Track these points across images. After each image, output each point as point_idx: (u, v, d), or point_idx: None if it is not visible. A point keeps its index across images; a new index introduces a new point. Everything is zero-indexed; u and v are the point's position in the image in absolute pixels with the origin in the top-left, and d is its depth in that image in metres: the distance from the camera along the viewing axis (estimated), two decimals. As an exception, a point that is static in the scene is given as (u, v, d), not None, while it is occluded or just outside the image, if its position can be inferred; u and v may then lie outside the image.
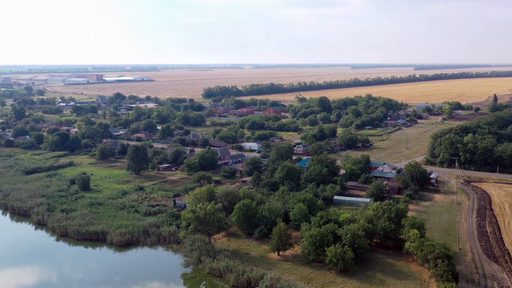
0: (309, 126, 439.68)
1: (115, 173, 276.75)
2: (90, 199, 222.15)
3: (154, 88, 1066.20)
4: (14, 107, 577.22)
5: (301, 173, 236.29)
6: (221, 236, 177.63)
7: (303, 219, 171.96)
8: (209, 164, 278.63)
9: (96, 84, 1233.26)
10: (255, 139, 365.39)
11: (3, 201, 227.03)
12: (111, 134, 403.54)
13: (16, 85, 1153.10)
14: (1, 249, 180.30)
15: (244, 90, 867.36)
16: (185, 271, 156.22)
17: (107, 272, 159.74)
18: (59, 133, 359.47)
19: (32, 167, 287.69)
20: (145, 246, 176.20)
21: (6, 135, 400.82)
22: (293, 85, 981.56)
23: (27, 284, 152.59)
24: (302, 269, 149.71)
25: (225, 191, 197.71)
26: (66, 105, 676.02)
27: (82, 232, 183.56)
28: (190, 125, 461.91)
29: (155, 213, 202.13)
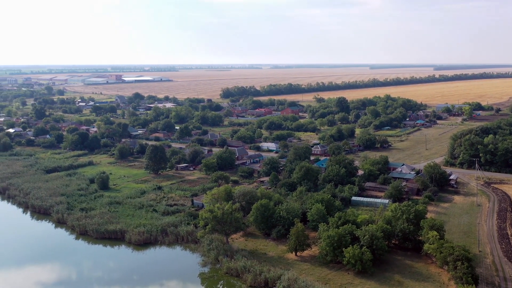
0: (327, 126, 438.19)
1: (134, 172, 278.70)
2: (109, 198, 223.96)
3: (172, 88, 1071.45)
4: (34, 106, 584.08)
5: (319, 174, 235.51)
6: (238, 236, 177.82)
7: (321, 219, 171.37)
8: (227, 164, 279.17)
9: (115, 84, 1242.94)
10: (273, 139, 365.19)
11: (23, 199, 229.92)
12: (130, 133, 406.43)
13: (37, 85, 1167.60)
14: (21, 247, 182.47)
15: (262, 90, 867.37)
16: (202, 270, 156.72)
17: (126, 270, 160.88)
18: (79, 132, 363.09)
19: (52, 166, 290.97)
20: (163, 245, 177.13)
21: (27, 134, 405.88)
22: (311, 86, 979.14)
23: (47, 282, 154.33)
24: (320, 270, 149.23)
25: (243, 191, 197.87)
26: (85, 105, 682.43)
27: (101, 231, 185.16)
28: (208, 125, 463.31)
29: (173, 212, 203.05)
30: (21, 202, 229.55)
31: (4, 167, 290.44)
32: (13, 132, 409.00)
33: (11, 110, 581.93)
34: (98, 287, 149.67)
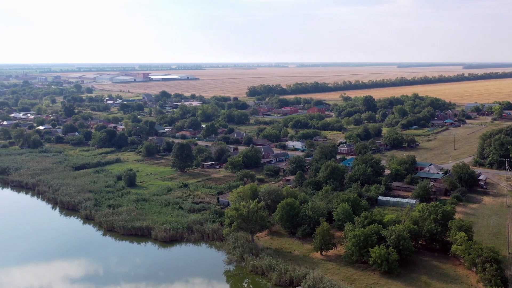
0: (353, 125, 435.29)
1: (160, 170, 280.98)
2: (136, 195, 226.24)
3: (199, 86, 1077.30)
4: (64, 104, 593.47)
5: (345, 173, 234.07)
6: (264, 235, 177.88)
7: (346, 219, 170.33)
8: (253, 162, 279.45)
9: (143, 82, 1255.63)
10: (298, 138, 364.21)
11: (53, 195, 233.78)
12: (157, 131, 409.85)
13: (66, 83, 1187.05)
14: (50, 242, 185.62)
15: (288, 89, 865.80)
16: (228, 268, 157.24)
17: (151, 267, 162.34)
18: (107, 130, 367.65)
19: (80, 163, 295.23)
20: (188, 243, 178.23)
21: (56, 132, 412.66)
22: (338, 84, 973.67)
23: (75, 276, 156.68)
24: (345, 269, 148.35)
25: (268, 189, 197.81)
26: (113, 102, 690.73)
27: (128, 228, 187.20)
28: (234, 123, 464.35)
29: (199, 210, 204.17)
30: (50, 198, 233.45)
31: (34, 163, 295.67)
32: (43, 130, 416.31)
33: (41, 107, 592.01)
34: (125, 283, 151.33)
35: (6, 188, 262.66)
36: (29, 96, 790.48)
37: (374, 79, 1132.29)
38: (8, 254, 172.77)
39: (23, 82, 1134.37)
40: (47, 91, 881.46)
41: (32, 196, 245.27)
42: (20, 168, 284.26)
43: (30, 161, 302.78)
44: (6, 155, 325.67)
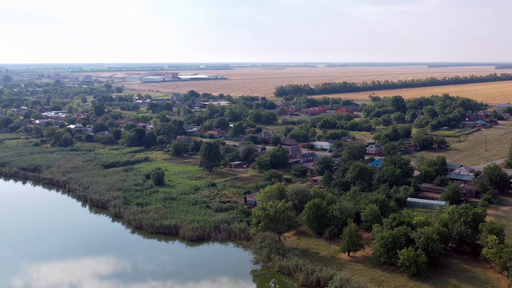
0: (382, 125, 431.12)
1: (188, 169, 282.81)
2: (164, 193, 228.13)
3: (227, 86, 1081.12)
4: (94, 103, 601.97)
5: (373, 174, 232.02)
6: (291, 235, 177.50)
7: (374, 220, 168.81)
8: (280, 162, 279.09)
9: (172, 82, 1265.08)
10: (326, 138, 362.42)
11: (83, 193, 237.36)
12: (185, 131, 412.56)
13: (96, 82, 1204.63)
14: (80, 239, 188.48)
15: (316, 89, 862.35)
16: (254, 268, 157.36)
17: (179, 265, 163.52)
18: (136, 129, 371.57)
19: (110, 161, 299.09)
20: (216, 242, 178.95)
21: (87, 130, 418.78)
22: (367, 84, 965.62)
23: (104, 273, 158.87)
24: (373, 271, 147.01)
25: (296, 189, 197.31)
26: (142, 102, 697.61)
27: (156, 226, 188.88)
28: (262, 123, 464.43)
29: (226, 209, 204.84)
30: (80, 196, 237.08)
31: (65, 161, 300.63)
32: (73, 128, 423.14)
33: (72, 106, 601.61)
34: (152, 280, 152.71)
35: (38, 185, 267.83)
36: (60, 95, 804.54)
37: (404, 79, 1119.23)
38: (40, 250, 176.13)
39: (55, 82, 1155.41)
40: (78, 90, 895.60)
41: (62, 194, 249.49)
42: (52, 166, 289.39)
43: (61, 159, 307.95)
44: (38, 153, 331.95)
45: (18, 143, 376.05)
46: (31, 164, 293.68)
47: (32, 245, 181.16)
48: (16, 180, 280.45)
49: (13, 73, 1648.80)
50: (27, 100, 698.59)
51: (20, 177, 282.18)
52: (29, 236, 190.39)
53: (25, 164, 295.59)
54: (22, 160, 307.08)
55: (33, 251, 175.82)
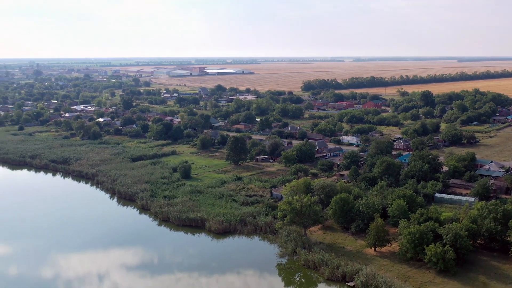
0: (410, 120, 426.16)
1: (215, 162, 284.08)
2: (190, 187, 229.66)
3: (254, 80, 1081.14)
4: (122, 97, 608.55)
5: (400, 169, 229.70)
6: (316, 229, 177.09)
7: (401, 215, 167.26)
8: (307, 156, 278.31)
9: (199, 76, 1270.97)
10: (353, 133, 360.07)
11: (111, 185, 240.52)
12: (212, 125, 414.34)
13: (125, 76, 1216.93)
14: (108, 230, 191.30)
15: (343, 83, 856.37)
16: (280, 261, 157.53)
17: (205, 257, 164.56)
18: (163, 123, 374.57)
19: (137, 154, 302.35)
20: (241, 235, 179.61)
21: (115, 124, 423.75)
22: (395, 79, 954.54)
23: (131, 264, 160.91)
24: (399, 266, 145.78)
25: (322, 184, 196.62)
26: (170, 96, 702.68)
27: (183, 218, 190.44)
28: (289, 117, 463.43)
29: (252, 203, 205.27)
30: (108, 188, 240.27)
31: (94, 154, 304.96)
32: (102, 122, 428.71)
33: (101, 100, 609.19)
34: (178, 272, 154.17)
35: (67, 177, 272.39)
36: (89, 89, 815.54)
37: (433, 74, 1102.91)
38: (69, 241, 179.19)
39: (84, 76, 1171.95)
40: (107, 84, 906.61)
41: (91, 186, 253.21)
42: (81, 158, 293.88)
43: (90, 152, 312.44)
44: (67, 146, 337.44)
45: (49, 136, 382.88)
46: (60, 157, 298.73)
47: (62, 236, 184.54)
48: (46, 172, 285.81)
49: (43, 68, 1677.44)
50: (57, 94, 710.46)
51: (50, 169, 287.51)
52: (59, 227, 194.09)
53: (55, 156, 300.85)
54: (52, 152, 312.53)
55: (62, 241, 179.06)
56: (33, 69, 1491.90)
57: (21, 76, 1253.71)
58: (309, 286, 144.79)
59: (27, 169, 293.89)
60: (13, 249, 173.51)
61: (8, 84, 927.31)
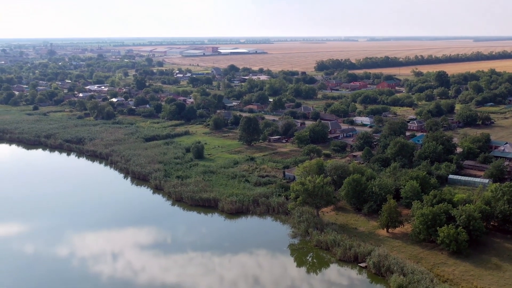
0: (424, 101, 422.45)
1: (228, 143, 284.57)
2: (203, 167, 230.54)
3: (267, 60, 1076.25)
4: (136, 77, 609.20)
5: (414, 150, 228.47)
6: (329, 210, 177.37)
7: (414, 197, 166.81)
8: (320, 137, 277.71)
9: (212, 56, 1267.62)
10: (367, 114, 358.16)
11: (124, 165, 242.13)
12: (225, 105, 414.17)
13: (138, 56, 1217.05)
14: (122, 210, 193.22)
15: (357, 63, 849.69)
16: (292, 242, 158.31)
17: (217, 237, 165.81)
18: (176, 103, 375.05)
19: (151, 134, 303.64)
20: (254, 215, 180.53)
21: (129, 104, 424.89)
22: (409, 59, 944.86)
23: (144, 243, 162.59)
24: (412, 248, 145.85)
25: (335, 165, 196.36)
26: (183, 76, 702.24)
27: (196, 199, 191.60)
28: (302, 98, 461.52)
29: (264, 183, 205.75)
30: (122, 168, 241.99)
31: (108, 134, 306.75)
32: (116, 102, 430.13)
33: (114, 80, 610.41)
34: (191, 251, 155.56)
35: (81, 157, 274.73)
36: (103, 69, 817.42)
37: (448, 54, 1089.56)
38: (83, 220, 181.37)
39: (97, 56, 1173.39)
40: (120, 64, 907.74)
41: (105, 166, 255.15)
42: (95, 138, 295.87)
43: (103, 132, 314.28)
44: (82, 125, 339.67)
45: (63, 116, 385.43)
46: (75, 137, 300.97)
47: (76, 215, 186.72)
48: (61, 152, 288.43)
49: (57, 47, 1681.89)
50: (71, 74, 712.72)
51: (64, 149, 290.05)
52: (73, 206, 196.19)
53: (69, 136, 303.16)
54: (67, 132, 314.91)
55: (77, 220, 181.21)
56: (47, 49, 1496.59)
57: (35, 56, 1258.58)
58: (321, 266, 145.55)
59: (41, 149, 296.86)
60: (29, 228, 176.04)
61: (23, 64, 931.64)
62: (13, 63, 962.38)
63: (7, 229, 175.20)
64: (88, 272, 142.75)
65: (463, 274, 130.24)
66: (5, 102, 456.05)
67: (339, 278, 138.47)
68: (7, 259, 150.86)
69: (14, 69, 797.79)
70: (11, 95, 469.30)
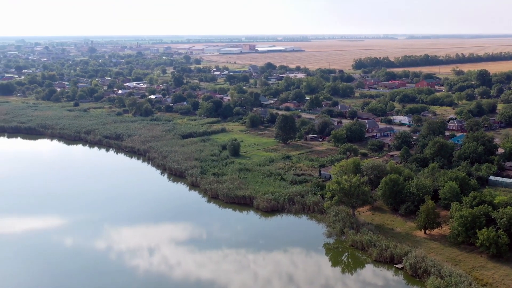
0: (465, 100, 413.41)
1: (264, 141, 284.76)
2: (239, 164, 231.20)
3: (304, 58, 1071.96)
4: (173, 75, 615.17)
5: (454, 150, 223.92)
6: (365, 210, 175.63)
7: (453, 198, 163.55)
8: (356, 136, 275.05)
9: (249, 54, 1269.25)
10: (405, 113, 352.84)
11: (161, 162, 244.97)
12: (261, 103, 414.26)
13: (176, 54, 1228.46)
14: (159, 205, 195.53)
15: (396, 62, 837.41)
16: (327, 241, 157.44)
17: (252, 235, 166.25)
18: (213, 100, 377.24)
19: (188, 131, 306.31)
20: (289, 214, 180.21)
21: (166, 101, 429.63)
22: (450, 57, 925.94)
23: (180, 239, 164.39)
24: (450, 250, 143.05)
25: (372, 164, 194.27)
26: (220, 73, 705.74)
27: (231, 196, 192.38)
28: (339, 96, 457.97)
29: (300, 182, 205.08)
30: (159, 164, 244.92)
31: (146, 131, 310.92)
32: (154, 99, 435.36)
33: (153, 77, 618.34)
34: (226, 248, 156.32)
35: (120, 153, 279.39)
36: (141, 67, 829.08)
37: (490, 52, 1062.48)
38: (120, 215, 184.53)
39: (136, 53, 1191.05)
40: (158, 61, 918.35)
41: (143, 162, 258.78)
42: (133, 134, 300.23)
43: (141, 129, 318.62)
44: (120, 122, 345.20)
45: (102, 112, 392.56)
46: (113, 133, 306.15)
47: (114, 210, 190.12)
48: (100, 147, 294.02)
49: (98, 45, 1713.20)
50: (110, 71, 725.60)
51: (103, 145, 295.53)
52: (112, 201, 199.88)
53: (108, 132, 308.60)
54: (106, 128, 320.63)
55: (115, 215, 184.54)
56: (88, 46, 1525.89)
57: (76, 53, 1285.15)
58: (357, 266, 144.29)
59: (81, 144, 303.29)
60: (69, 221, 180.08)
61: (64, 61, 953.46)
62: (55, 60, 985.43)
63: (48, 222, 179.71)
64: (124, 265, 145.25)
65: (503, 278, 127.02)
66: (47, 98, 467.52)
67: (374, 279, 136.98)
68: (47, 252, 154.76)
69: (56, 66, 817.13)
70: (53, 91, 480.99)
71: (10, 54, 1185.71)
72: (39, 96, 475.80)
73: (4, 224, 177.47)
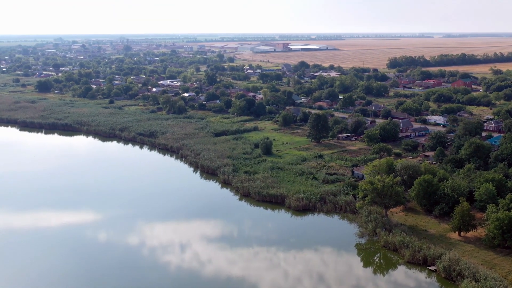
0: (503, 101, 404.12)
1: (296, 139, 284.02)
2: (271, 163, 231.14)
3: (337, 57, 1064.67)
4: (207, 73, 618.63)
5: (490, 151, 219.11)
6: (398, 210, 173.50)
7: (489, 200, 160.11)
8: (390, 136, 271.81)
9: (282, 52, 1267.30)
10: (440, 113, 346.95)
11: (194, 159, 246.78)
12: (294, 101, 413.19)
13: (209, 52, 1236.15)
14: (191, 202, 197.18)
15: (431, 61, 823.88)
16: (359, 241, 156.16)
17: (283, 233, 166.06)
18: (246, 99, 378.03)
19: (220, 129, 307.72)
20: (321, 213, 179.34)
21: (199, 99, 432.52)
22: (488, 56, 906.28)
23: (211, 236, 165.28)
24: (485, 253, 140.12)
25: (406, 164, 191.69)
26: (253, 72, 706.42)
27: (263, 194, 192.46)
28: (373, 95, 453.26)
29: (332, 181, 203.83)
30: (192, 162, 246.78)
31: (179, 128, 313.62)
32: (187, 97, 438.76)
33: (186, 75, 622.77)
34: (257, 245, 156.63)
35: (153, 150, 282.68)
36: (175, 65, 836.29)
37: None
38: (153, 211, 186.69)
39: (171, 51, 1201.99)
40: (192, 60, 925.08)
41: (175, 159, 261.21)
42: (166, 132, 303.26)
43: (175, 126, 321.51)
44: (154, 119, 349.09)
45: (137, 110, 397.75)
46: (147, 130, 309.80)
47: (148, 206, 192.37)
48: (134, 144, 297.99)
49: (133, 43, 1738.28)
50: (145, 69, 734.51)
51: (137, 142, 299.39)
52: (145, 197, 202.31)
53: (142, 129, 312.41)
54: (140, 125, 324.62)
55: (147, 211, 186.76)
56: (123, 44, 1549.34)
57: (112, 52, 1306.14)
58: (389, 267, 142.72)
59: (116, 141, 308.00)
60: (103, 217, 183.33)
61: (100, 59, 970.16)
62: (92, 58, 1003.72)
63: (82, 217, 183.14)
64: (156, 261, 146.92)
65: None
66: (83, 95, 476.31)
67: (406, 280, 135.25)
68: (81, 246, 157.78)
69: (92, 64, 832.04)
70: (89, 89, 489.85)
71: (48, 52, 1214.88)
72: (75, 93, 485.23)
73: (41, 219, 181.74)
